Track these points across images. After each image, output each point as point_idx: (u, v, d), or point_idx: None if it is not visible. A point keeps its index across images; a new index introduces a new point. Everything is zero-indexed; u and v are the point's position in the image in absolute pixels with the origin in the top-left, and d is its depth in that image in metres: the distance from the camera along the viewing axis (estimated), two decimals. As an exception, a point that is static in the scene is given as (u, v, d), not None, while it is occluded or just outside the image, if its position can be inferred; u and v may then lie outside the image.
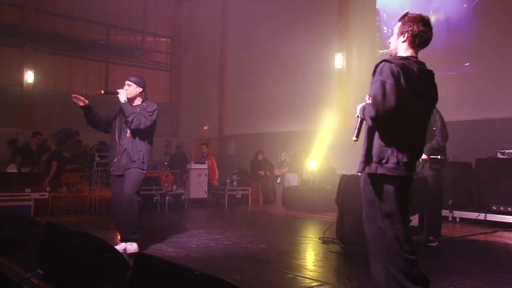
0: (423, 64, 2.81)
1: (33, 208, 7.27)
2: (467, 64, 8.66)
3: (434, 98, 2.85)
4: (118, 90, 4.61)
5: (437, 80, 2.93)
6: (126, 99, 4.56)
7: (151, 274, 2.41)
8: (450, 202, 7.21)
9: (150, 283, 2.43)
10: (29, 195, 7.27)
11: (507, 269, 4.22)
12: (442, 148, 5.22)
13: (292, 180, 10.56)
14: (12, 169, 8.62)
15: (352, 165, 3.23)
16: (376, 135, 2.66)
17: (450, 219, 7.17)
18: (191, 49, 16.23)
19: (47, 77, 13.83)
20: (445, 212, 7.11)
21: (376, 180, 2.63)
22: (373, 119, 2.54)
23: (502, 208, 6.58)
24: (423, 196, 4.91)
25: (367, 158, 2.66)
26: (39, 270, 3.47)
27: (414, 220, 4.83)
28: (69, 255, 3.19)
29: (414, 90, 2.66)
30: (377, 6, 10.38)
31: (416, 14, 2.84)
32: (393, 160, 2.59)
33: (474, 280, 3.69)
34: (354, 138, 2.78)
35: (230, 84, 14.42)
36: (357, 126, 2.81)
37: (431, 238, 5.06)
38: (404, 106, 2.57)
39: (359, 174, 2.77)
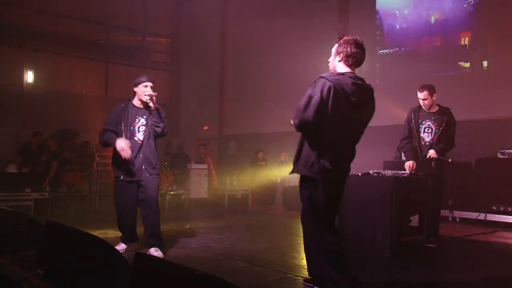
0: (361, 79, 3.09)
1: (33, 208, 7.28)
2: (464, 64, 8.66)
3: (372, 111, 3.18)
4: (152, 95, 4.48)
5: (437, 80, 3.01)
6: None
7: (151, 274, 2.41)
8: (450, 202, 7.21)
9: (150, 283, 2.43)
10: (29, 195, 7.28)
11: (507, 269, 4.22)
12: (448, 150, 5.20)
13: (292, 180, 10.55)
14: (12, 169, 8.62)
15: (352, 165, 3.25)
16: (304, 141, 3.05)
17: (450, 219, 7.18)
18: (191, 49, 16.22)
19: (47, 77, 13.81)
20: (445, 212, 7.12)
21: (304, 181, 3.06)
22: (294, 125, 2.93)
23: (502, 208, 6.58)
24: (424, 196, 4.91)
25: (296, 159, 3.07)
26: (39, 270, 3.47)
27: (414, 220, 4.83)
28: (69, 255, 3.19)
29: (348, 102, 2.96)
30: (377, 6, 10.38)
31: (351, 37, 3.12)
32: (317, 165, 2.96)
33: (474, 280, 3.69)
34: None
35: (230, 84, 14.42)
36: None
37: (432, 238, 5.05)
38: (332, 119, 2.90)
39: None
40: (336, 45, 3.15)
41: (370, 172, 5.03)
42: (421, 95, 5.09)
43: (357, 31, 10.75)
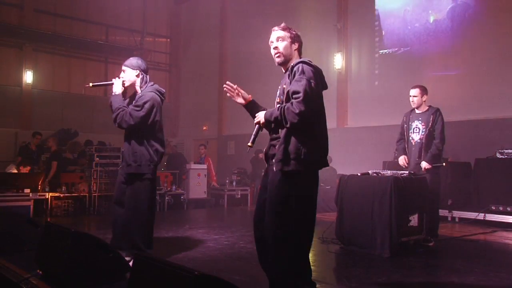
0: None
1: (32, 208, 7.27)
2: (464, 64, 8.67)
3: None
4: (113, 80, 3.99)
5: (437, 80, 2.98)
6: (119, 91, 3.94)
7: (150, 274, 2.41)
8: (450, 202, 7.21)
9: (149, 283, 2.42)
10: (29, 195, 7.28)
11: (506, 269, 4.22)
12: (441, 152, 5.24)
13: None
14: (11, 169, 8.62)
15: (352, 165, 3.26)
16: (295, 133, 2.67)
17: (449, 219, 7.18)
18: (190, 49, 16.22)
19: (46, 77, 13.82)
20: (444, 212, 7.12)
21: (293, 177, 2.67)
22: (301, 113, 2.54)
23: (501, 208, 6.58)
24: (423, 196, 4.91)
25: (285, 156, 2.67)
26: (38, 270, 3.47)
27: (414, 220, 4.83)
28: (68, 255, 3.18)
29: (324, 89, 2.86)
30: (376, 6, 10.38)
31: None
32: (309, 157, 2.67)
33: (474, 280, 3.69)
34: (250, 144, 2.82)
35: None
36: (254, 133, 2.85)
37: (429, 238, 5.07)
38: (320, 107, 2.74)
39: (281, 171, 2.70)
40: (283, 31, 2.93)
41: (369, 172, 5.04)
42: (412, 91, 5.33)
43: (357, 31, 10.77)
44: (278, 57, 2.93)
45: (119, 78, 4.00)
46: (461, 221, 7.02)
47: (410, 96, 5.33)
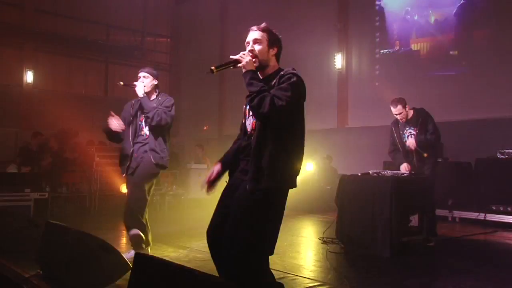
0: None
1: (33, 208, 7.28)
2: (464, 64, 8.66)
3: None
4: (135, 83, 4.28)
5: (437, 80, 2.94)
6: (144, 93, 4.25)
7: (151, 274, 2.41)
8: (450, 202, 7.21)
9: (150, 283, 2.43)
10: (29, 195, 7.28)
11: (507, 269, 4.22)
12: (432, 146, 5.15)
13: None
14: (12, 169, 8.62)
15: (352, 165, 3.24)
16: (268, 147, 2.45)
17: (450, 219, 7.17)
18: (191, 49, 16.22)
19: (46, 77, 13.81)
20: (444, 212, 7.13)
21: (271, 195, 2.47)
22: (282, 107, 2.37)
23: (501, 208, 6.58)
24: (423, 196, 4.91)
25: (258, 173, 2.43)
26: (38, 270, 3.47)
27: (414, 220, 4.83)
28: (69, 255, 3.19)
29: None
30: (377, 6, 10.38)
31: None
32: (288, 172, 2.50)
33: (474, 280, 3.69)
34: (213, 68, 2.58)
35: (230, 84, 14.42)
36: (225, 63, 2.63)
37: (430, 237, 5.07)
38: (302, 118, 2.57)
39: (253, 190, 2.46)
40: (266, 35, 2.74)
41: (370, 172, 5.04)
42: (395, 110, 5.19)
43: (357, 31, 10.77)
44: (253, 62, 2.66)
45: (140, 82, 4.29)
46: (462, 221, 7.02)
47: (395, 114, 5.21)
